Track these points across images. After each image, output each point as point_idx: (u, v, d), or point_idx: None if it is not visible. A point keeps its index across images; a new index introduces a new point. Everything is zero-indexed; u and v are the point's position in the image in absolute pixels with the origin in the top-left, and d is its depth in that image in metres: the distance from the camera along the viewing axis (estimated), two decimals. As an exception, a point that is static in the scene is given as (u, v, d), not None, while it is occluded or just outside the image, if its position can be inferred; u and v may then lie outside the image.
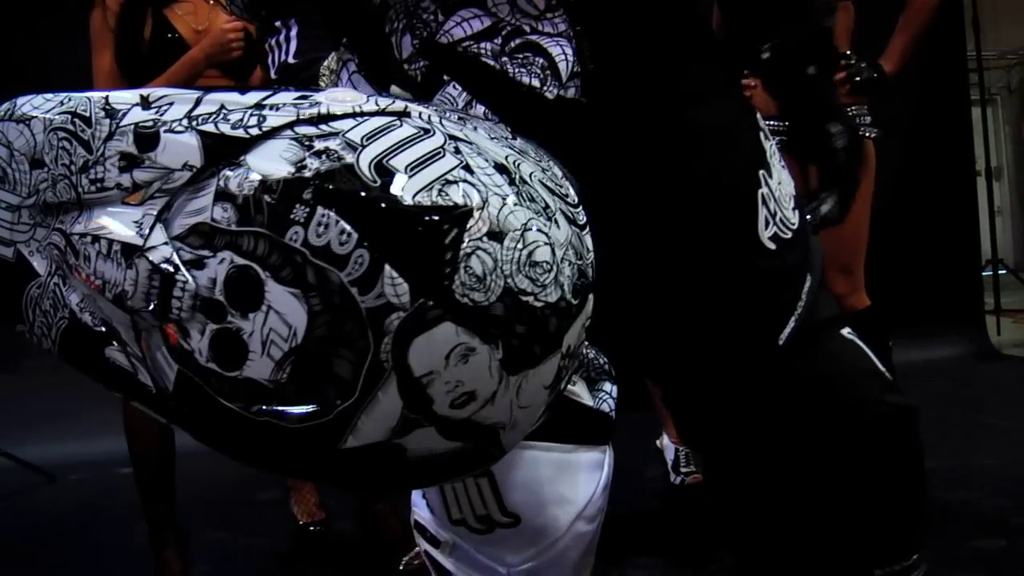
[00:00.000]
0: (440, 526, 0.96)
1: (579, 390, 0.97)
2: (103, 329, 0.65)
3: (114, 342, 0.65)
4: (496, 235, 0.61)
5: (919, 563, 0.97)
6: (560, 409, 0.88)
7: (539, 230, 0.63)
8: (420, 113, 0.66)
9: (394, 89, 0.83)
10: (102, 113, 0.64)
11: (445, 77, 0.87)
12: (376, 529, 2.19)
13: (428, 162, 0.61)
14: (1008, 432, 3.15)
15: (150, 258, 0.62)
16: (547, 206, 0.66)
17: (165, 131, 0.63)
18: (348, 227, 0.58)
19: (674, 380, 1.02)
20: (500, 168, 0.65)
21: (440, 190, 0.60)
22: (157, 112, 0.64)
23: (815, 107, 1.05)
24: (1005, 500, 2.35)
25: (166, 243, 0.62)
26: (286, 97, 0.65)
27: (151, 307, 0.62)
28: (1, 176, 0.67)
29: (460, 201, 0.60)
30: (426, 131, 0.64)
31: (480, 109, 0.86)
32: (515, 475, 0.91)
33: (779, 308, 0.92)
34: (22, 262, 0.67)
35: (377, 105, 0.65)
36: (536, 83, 0.87)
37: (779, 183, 0.96)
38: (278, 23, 0.79)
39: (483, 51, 0.87)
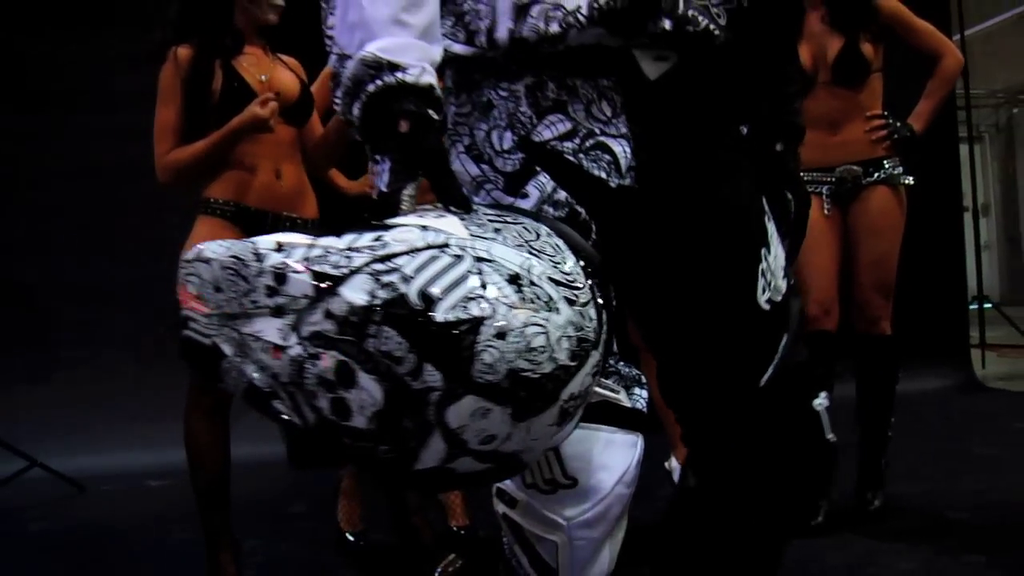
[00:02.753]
0: (517, 488, 1.25)
1: (620, 396, 1.31)
2: (269, 390, 0.92)
3: (277, 398, 0.93)
4: (501, 335, 0.89)
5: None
6: (605, 409, 1.27)
7: (536, 324, 0.91)
8: (457, 242, 0.93)
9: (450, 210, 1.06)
10: (252, 256, 0.92)
11: (537, 168, 1.13)
12: (411, 539, 2.36)
13: (456, 286, 0.89)
14: (991, 460, 3.35)
15: (290, 353, 0.90)
16: (550, 299, 0.93)
17: (290, 272, 0.90)
18: (402, 340, 0.87)
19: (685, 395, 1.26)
20: (512, 278, 0.92)
21: (463, 307, 0.88)
22: (287, 255, 0.91)
23: (778, 175, 1.28)
24: (988, 521, 2.54)
25: (298, 344, 0.89)
26: (367, 239, 0.92)
27: (293, 381, 0.90)
28: (199, 296, 0.95)
29: (477, 314, 0.88)
30: (459, 258, 0.91)
31: (562, 195, 1.12)
32: (574, 448, 1.21)
33: (764, 355, 1.17)
34: (216, 348, 0.94)
35: (425, 241, 0.92)
36: (603, 175, 1.12)
37: (775, 257, 1.19)
38: (377, 157, 1.01)
39: (565, 149, 1.12)
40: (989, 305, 6.42)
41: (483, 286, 0.90)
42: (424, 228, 0.94)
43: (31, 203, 4.13)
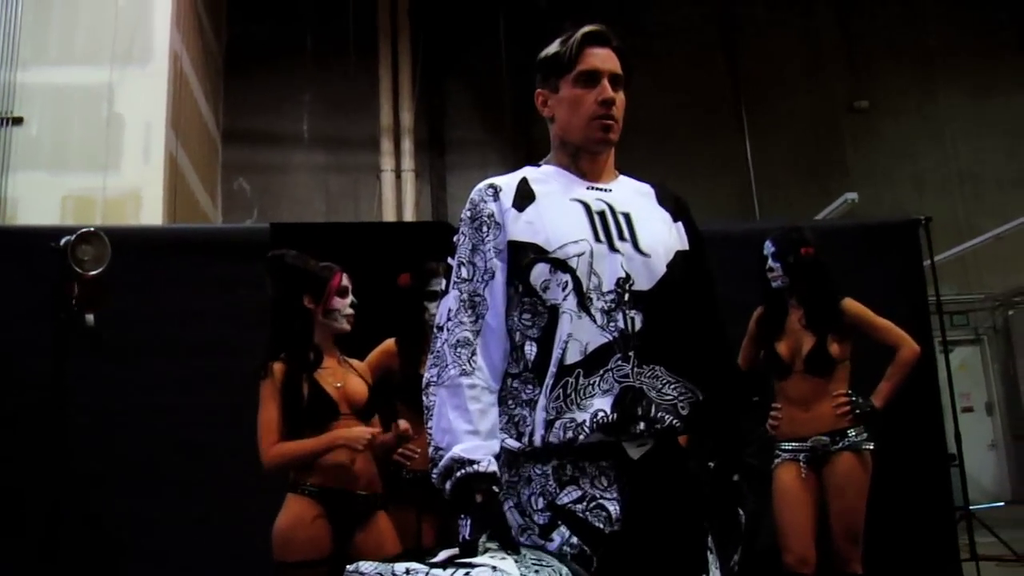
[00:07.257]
0: None
1: None
2: None
3: None
4: None
5: None
6: None
7: None
8: None
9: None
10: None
11: (559, 522, 1.73)
12: None
13: None
14: None
15: None
16: None
17: None
18: None
19: None
20: None
21: None
22: None
23: (732, 496, 1.86)
24: None
25: None
26: (461, 573, 1.48)
27: None
28: None
29: None
30: None
31: (575, 539, 1.70)
32: None
33: None
34: None
35: None
36: (601, 525, 1.73)
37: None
38: (462, 516, 1.64)
39: (577, 510, 1.74)
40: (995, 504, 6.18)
41: None
42: (494, 569, 1.51)
43: (109, 441, 4.64)
